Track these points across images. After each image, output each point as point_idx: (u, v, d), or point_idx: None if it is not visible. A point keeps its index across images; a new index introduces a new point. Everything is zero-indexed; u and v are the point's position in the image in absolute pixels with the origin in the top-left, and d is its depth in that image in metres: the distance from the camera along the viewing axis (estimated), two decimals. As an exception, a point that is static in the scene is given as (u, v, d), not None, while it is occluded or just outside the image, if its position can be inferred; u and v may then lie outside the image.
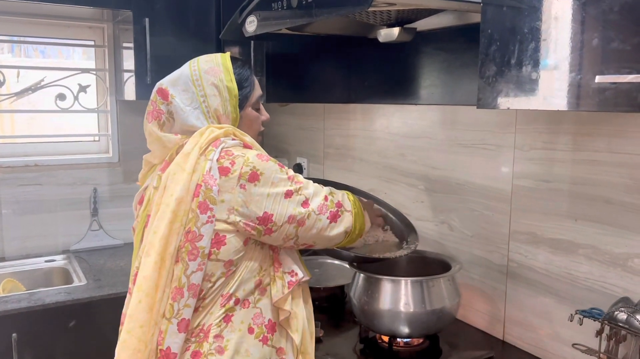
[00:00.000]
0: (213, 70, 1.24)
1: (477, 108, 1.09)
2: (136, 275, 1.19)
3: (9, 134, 2.50)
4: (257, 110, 1.33)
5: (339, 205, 1.26)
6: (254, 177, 1.15)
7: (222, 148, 1.17)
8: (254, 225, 1.17)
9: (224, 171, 1.15)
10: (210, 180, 1.14)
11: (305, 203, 1.20)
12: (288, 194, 1.18)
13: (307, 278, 1.29)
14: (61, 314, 1.88)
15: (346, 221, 1.26)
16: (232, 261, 1.18)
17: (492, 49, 1.05)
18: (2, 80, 2.36)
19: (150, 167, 1.31)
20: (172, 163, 1.19)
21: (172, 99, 1.22)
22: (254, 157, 1.17)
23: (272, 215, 1.17)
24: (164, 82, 1.25)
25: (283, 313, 1.24)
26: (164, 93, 1.24)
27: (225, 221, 1.15)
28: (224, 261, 1.17)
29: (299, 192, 1.20)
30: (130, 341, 1.15)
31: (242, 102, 1.27)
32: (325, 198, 1.24)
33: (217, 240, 1.15)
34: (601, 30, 0.87)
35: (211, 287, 1.18)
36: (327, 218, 1.23)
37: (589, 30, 0.89)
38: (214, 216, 1.14)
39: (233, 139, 1.21)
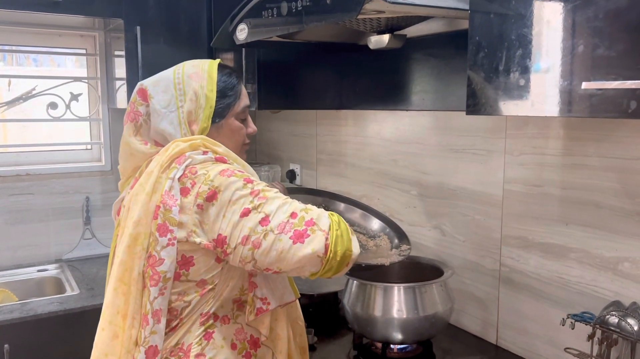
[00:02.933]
0: (197, 75, 1.20)
1: (467, 114, 1.09)
2: None
3: (1, 143, 2.49)
4: (243, 121, 1.26)
5: (310, 223, 1.07)
6: (211, 196, 1.07)
7: (186, 166, 1.10)
8: (212, 247, 1.09)
9: (184, 192, 1.09)
10: (170, 200, 1.08)
11: (264, 221, 1.06)
12: (245, 213, 1.07)
13: (290, 300, 1.20)
14: (54, 325, 1.87)
15: (316, 242, 1.05)
16: (205, 280, 1.12)
17: (480, 55, 1.05)
18: (-7, 90, 2.36)
19: (126, 178, 1.26)
20: (137, 183, 1.15)
21: (150, 100, 1.18)
22: (216, 173, 1.09)
23: (226, 237, 1.07)
24: (145, 82, 1.21)
25: (260, 334, 1.19)
26: (143, 94, 1.20)
27: (188, 242, 1.09)
28: (195, 281, 1.12)
29: (259, 209, 1.07)
30: None
31: (224, 111, 1.21)
32: (293, 215, 1.07)
33: (185, 261, 1.10)
34: (587, 37, 0.88)
35: (186, 307, 1.13)
36: (290, 238, 1.05)
37: (575, 37, 0.90)
38: (174, 238, 1.08)
39: (204, 152, 1.13)
